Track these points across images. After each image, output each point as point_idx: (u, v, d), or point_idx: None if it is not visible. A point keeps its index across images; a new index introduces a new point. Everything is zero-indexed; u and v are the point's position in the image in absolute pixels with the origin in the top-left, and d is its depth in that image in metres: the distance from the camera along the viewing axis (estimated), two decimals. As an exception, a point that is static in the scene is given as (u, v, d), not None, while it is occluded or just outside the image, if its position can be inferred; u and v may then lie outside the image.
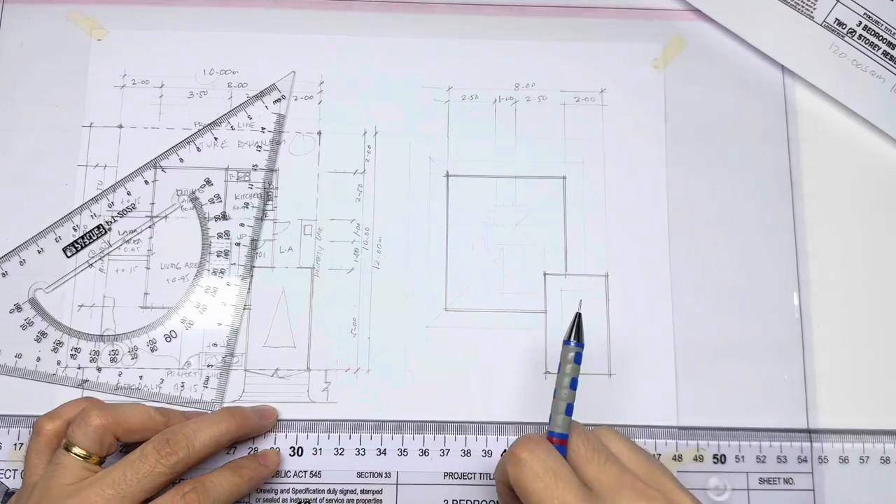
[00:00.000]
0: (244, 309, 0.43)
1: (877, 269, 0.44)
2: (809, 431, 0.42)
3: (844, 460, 0.42)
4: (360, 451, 0.41)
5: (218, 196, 0.44)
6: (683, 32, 0.47)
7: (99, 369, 0.42)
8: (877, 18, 0.43)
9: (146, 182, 0.44)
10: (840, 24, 0.44)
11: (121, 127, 0.45)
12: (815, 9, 0.44)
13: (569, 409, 0.34)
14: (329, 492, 0.41)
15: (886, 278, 0.44)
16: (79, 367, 0.42)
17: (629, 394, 0.42)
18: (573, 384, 0.35)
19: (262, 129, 0.45)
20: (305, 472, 0.41)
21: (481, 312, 0.43)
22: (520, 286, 0.44)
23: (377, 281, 0.44)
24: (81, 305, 0.43)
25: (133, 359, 0.42)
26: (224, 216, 0.43)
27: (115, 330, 0.42)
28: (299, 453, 0.41)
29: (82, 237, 0.42)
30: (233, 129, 0.45)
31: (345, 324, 0.43)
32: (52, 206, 0.44)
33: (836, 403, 0.42)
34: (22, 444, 0.41)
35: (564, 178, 0.45)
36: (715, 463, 0.42)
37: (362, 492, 0.41)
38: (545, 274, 0.44)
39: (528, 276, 0.44)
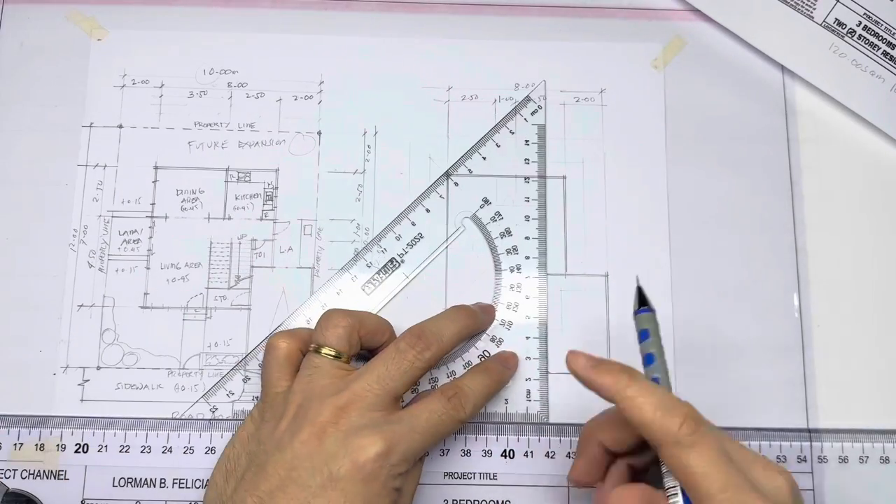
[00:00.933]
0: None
1: (877, 269, 0.44)
2: (809, 431, 0.42)
3: (844, 460, 0.42)
4: (360, 451, 0.41)
5: (499, 214, 0.44)
6: (683, 33, 0.47)
7: (98, 368, 0.42)
8: (877, 18, 0.43)
9: (428, 211, 0.44)
10: (840, 24, 0.44)
11: (121, 127, 0.45)
12: (814, 9, 0.44)
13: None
14: (329, 492, 0.41)
15: (886, 278, 0.44)
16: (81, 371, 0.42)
17: (629, 394, 0.42)
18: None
19: (526, 141, 0.45)
20: (305, 472, 0.41)
21: (481, 312, 0.43)
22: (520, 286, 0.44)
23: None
24: (81, 305, 0.43)
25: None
26: (508, 232, 0.44)
27: (115, 330, 0.42)
28: (299, 453, 0.41)
29: (378, 273, 0.43)
30: (498, 147, 0.45)
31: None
32: (52, 206, 0.44)
33: (835, 403, 0.42)
34: (22, 444, 0.41)
35: (564, 178, 0.45)
36: (715, 463, 0.41)
37: (362, 492, 0.41)
38: (545, 274, 0.44)
39: (528, 276, 0.44)
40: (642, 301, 0.35)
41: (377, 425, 0.35)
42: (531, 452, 0.42)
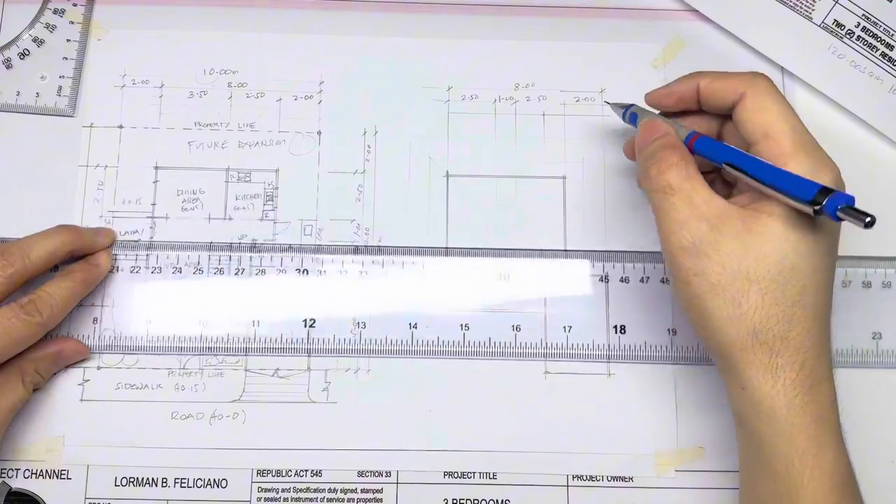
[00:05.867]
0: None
1: (875, 269, 0.44)
2: (808, 431, 0.42)
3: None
4: (361, 451, 0.41)
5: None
6: (683, 33, 0.47)
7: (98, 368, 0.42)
8: (875, 20, 0.43)
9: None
10: (839, 24, 0.44)
11: (121, 127, 0.45)
12: (813, 10, 0.44)
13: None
14: (329, 491, 0.41)
15: (885, 278, 0.44)
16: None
17: (629, 394, 0.42)
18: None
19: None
20: (306, 471, 0.41)
21: (481, 312, 0.43)
22: (520, 286, 0.44)
23: (377, 281, 0.44)
24: (82, 305, 0.42)
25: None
26: None
27: (114, 329, 0.42)
28: (300, 453, 0.41)
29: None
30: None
31: (345, 324, 0.43)
32: (53, 207, 0.43)
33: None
34: (23, 443, 0.41)
35: (564, 177, 0.45)
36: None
37: (362, 491, 0.41)
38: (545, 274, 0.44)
39: (528, 276, 0.44)
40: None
41: None
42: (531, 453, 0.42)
